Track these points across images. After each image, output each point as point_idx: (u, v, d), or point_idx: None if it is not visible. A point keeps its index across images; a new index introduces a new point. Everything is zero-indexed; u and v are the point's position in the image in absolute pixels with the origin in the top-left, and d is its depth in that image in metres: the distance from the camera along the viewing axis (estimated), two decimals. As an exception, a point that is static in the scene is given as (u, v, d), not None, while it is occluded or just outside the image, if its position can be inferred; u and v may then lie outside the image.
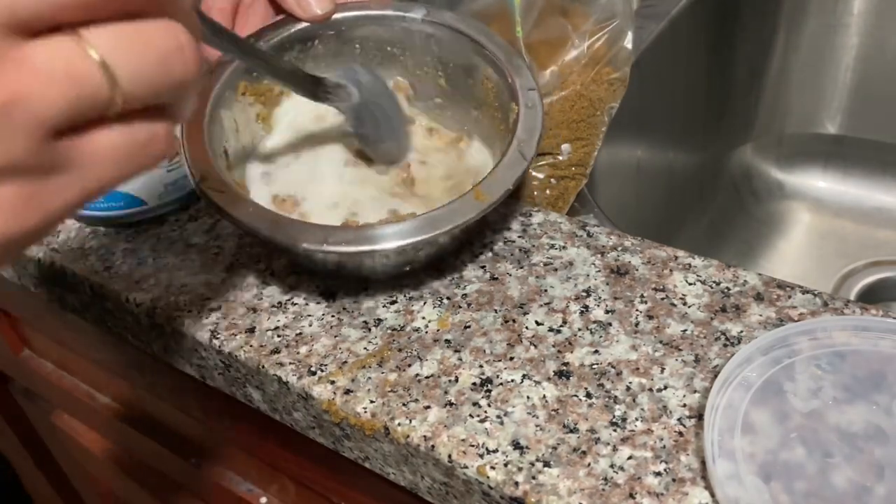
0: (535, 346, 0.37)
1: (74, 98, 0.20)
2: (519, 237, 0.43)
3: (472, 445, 0.33)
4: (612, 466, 0.32)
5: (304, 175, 0.45)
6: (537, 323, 0.38)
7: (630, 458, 0.32)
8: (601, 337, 0.37)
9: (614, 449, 0.33)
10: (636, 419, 0.34)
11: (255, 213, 0.38)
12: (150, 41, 0.22)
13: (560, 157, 0.49)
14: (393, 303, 0.40)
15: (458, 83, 0.47)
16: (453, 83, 0.47)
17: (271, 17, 0.45)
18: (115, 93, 0.21)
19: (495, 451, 0.33)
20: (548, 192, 0.49)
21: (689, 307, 0.38)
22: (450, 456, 0.33)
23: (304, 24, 0.45)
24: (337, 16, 0.45)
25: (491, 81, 0.44)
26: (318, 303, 0.41)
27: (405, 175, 0.45)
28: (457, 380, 0.36)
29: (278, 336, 0.39)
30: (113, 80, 0.21)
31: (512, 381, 0.36)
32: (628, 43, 0.50)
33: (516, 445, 0.33)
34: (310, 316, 0.40)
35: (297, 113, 0.47)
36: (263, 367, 0.38)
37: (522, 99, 0.42)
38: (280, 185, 0.44)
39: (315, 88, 0.42)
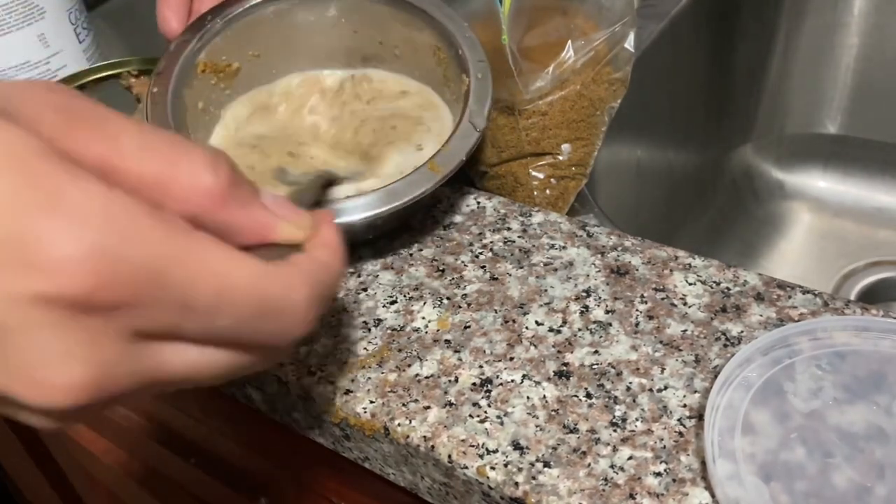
0: (535, 347, 0.37)
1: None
2: (519, 237, 0.43)
3: (472, 446, 0.33)
4: (612, 467, 0.32)
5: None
6: (537, 323, 0.38)
7: (630, 458, 0.32)
8: (601, 337, 0.37)
9: (614, 449, 0.33)
10: (636, 419, 0.34)
11: None
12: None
13: (560, 157, 0.49)
14: (393, 303, 0.40)
15: (408, 54, 0.48)
16: (403, 54, 0.49)
17: None
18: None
19: (495, 451, 0.33)
20: (548, 192, 0.49)
21: (689, 307, 0.38)
22: (450, 456, 0.33)
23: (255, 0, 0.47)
24: None
25: (443, 52, 0.46)
26: (317, 303, 0.41)
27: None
28: (457, 380, 0.36)
29: (278, 336, 0.39)
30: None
31: (512, 381, 0.36)
32: (629, 43, 0.50)
33: (516, 446, 0.33)
34: (310, 316, 0.40)
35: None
36: (263, 367, 0.38)
37: (473, 70, 0.43)
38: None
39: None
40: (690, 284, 0.39)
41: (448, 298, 0.40)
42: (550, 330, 0.38)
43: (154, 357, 0.21)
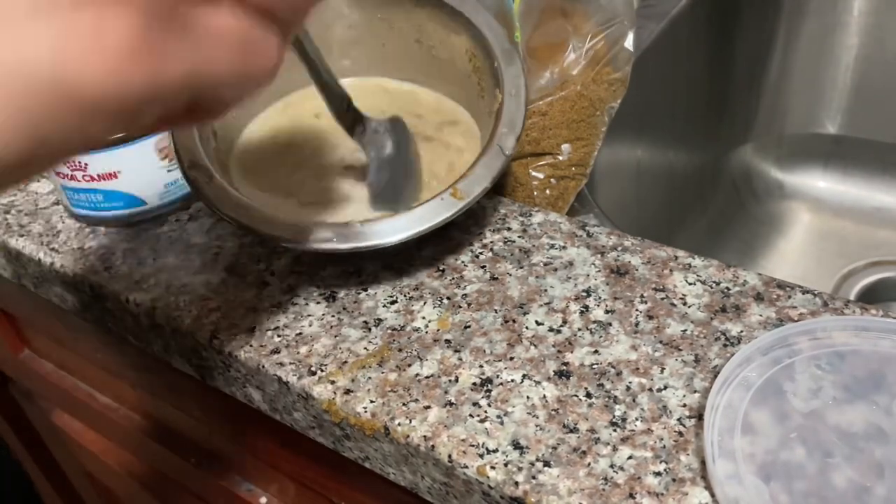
0: (535, 346, 0.37)
1: None
2: (519, 237, 0.43)
3: (472, 445, 0.33)
4: (612, 466, 0.32)
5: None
6: (537, 323, 0.38)
7: (630, 458, 0.32)
8: (601, 337, 0.37)
9: (614, 449, 0.33)
10: (636, 419, 0.34)
11: (238, 204, 0.38)
12: None
13: (560, 157, 0.49)
14: (393, 303, 0.40)
15: (443, 55, 0.46)
16: (440, 55, 0.46)
17: None
18: None
19: (495, 450, 0.33)
20: (548, 192, 0.49)
21: (689, 307, 0.38)
22: (450, 456, 0.33)
23: None
24: None
25: (478, 61, 0.44)
26: (318, 303, 0.41)
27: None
28: (457, 380, 0.36)
29: (278, 336, 0.39)
30: None
31: (512, 381, 0.36)
32: (629, 43, 0.50)
33: (516, 445, 0.33)
34: (310, 316, 0.40)
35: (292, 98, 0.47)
36: (263, 367, 0.38)
37: (507, 86, 0.41)
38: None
39: (354, 123, 0.41)
40: (690, 284, 0.39)
41: (448, 298, 0.40)
42: (550, 330, 0.38)
43: (203, 21, 0.21)
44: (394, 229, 0.37)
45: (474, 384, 0.36)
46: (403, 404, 0.35)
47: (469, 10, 0.44)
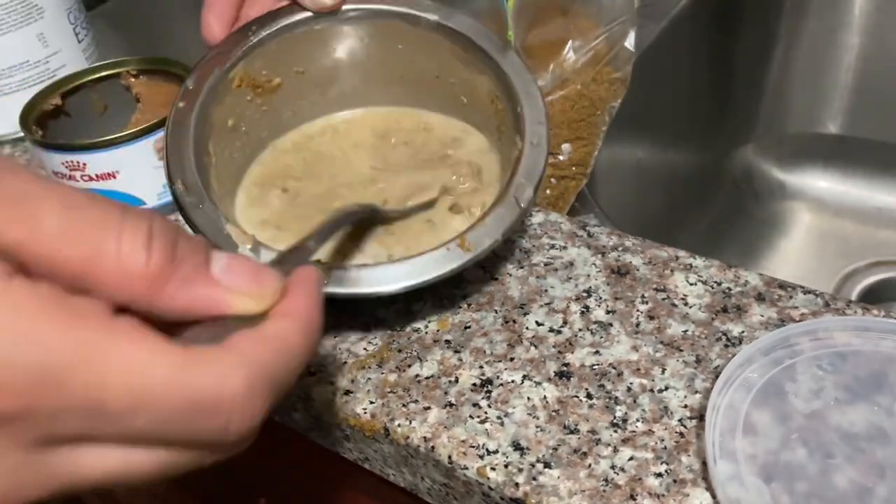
0: (536, 347, 0.37)
1: None
2: (519, 237, 0.43)
3: (473, 446, 0.33)
4: (612, 467, 0.32)
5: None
6: (538, 323, 0.38)
7: (631, 459, 0.32)
8: (602, 337, 0.37)
9: (615, 450, 0.33)
10: (637, 420, 0.34)
11: (225, 239, 0.35)
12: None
13: (560, 157, 0.49)
14: (393, 303, 0.40)
15: (464, 93, 0.44)
16: (460, 93, 0.44)
17: (279, 2, 0.43)
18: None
19: (495, 452, 0.33)
20: (548, 192, 0.49)
21: (690, 307, 0.38)
22: (450, 457, 0.33)
23: (307, 12, 0.42)
24: (347, 6, 0.42)
25: (500, 104, 0.41)
26: (317, 303, 0.40)
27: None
28: (457, 380, 0.36)
29: (278, 336, 0.39)
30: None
31: (512, 381, 0.36)
32: (629, 43, 0.50)
33: (517, 446, 0.33)
34: (309, 316, 0.40)
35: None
36: (263, 367, 0.38)
37: (529, 134, 0.38)
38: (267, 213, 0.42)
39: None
40: (691, 285, 0.39)
41: (448, 298, 0.40)
42: (551, 330, 0.38)
43: (67, 463, 0.19)
44: (394, 277, 0.35)
45: (474, 385, 0.36)
46: (403, 405, 0.35)
47: (494, 48, 0.41)
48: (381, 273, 0.35)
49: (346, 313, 0.40)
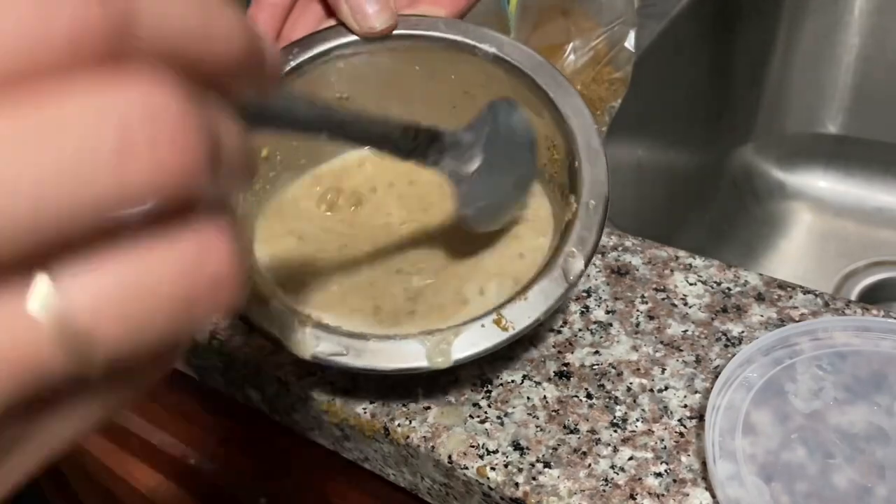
0: (536, 347, 0.37)
1: (20, 384, 0.13)
2: (519, 237, 0.43)
3: (472, 446, 0.33)
4: (612, 467, 0.32)
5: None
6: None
7: (631, 458, 0.32)
8: (602, 337, 0.37)
9: (615, 450, 0.33)
10: (637, 420, 0.34)
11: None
12: (157, 286, 0.13)
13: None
14: (393, 303, 0.40)
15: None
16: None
17: (323, 22, 0.39)
18: (86, 368, 0.13)
19: (495, 451, 0.33)
20: (548, 192, 0.49)
21: (689, 307, 0.38)
22: (450, 457, 0.33)
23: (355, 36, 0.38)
24: (397, 32, 0.38)
25: (557, 153, 0.37)
26: (317, 303, 0.41)
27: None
28: (457, 380, 0.36)
29: (278, 336, 0.39)
30: (85, 354, 0.13)
31: (512, 381, 0.36)
32: (629, 43, 0.50)
33: (516, 446, 0.33)
34: (309, 316, 0.40)
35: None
36: (263, 367, 0.38)
37: (585, 196, 0.33)
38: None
39: (427, 150, 0.29)
40: (691, 285, 0.39)
41: (448, 298, 0.40)
42: (551, 330, 0.38)
43: None
44: (417, 354, 0.31)
45: (474, 385, 0.36)
46: (403, 405, 0.35)
47: (557, 90, 0.36)
48: (419, 350, 0.31)
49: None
